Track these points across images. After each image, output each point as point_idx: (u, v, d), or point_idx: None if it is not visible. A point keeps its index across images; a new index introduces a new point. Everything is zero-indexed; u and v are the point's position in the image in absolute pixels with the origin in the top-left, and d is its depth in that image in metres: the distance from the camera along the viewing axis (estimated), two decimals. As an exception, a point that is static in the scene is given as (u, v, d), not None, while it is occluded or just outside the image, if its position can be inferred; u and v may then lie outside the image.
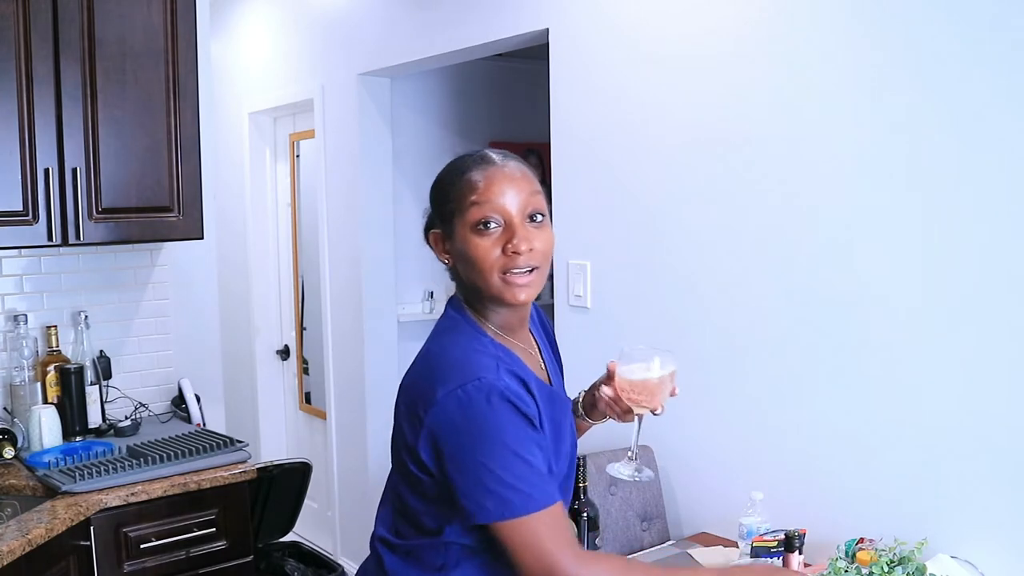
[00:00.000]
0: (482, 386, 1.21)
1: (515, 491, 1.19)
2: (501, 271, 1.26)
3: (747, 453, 2.27)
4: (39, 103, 2.36)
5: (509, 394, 1.22)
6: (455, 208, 1.29)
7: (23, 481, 2.27)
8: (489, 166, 1.29)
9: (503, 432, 1.20)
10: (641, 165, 2.47)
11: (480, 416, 1.21)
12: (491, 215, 1.26)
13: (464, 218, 1.27)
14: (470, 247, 1.27)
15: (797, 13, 2.08)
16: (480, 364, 1.25)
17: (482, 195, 1.26)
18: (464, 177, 1.29)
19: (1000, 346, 1.79)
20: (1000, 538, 1.81)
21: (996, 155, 1.77)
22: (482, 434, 1.20)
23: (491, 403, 1.20)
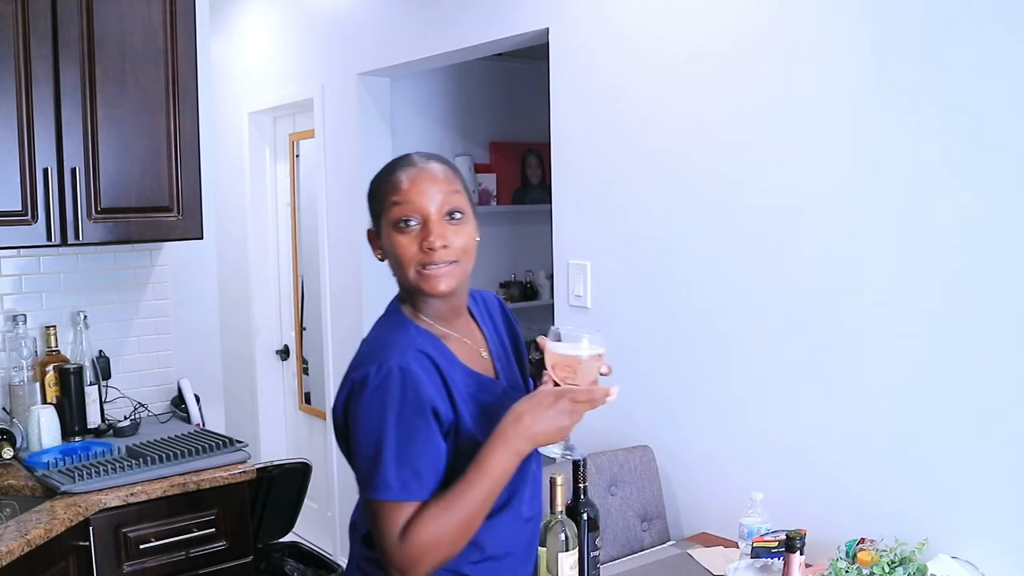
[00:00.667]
0: (381, 370, 1.30)
1: (378, 474, 1.28)
2: (419, 265, 1.35)
3: (747, 453, 2.27)
4: (38, 103, 2.36)
5: (407, 378, 1.29)
6: (381, 207, 1.38)
7: (22, 481, 2.27)
8: (411, 167, 1.38)
9: (387, 418, 1.28)
10: (641, 165, 2.47)
11: (372, 399, 1.29)
12: (410, 214, 1.35)
13: (388, 216, 1.37)
14: (393, 243, 1.36)
15: (798, 13, 2.08)
16: (389, 349, 1.33)
17: (403, 195, 1.35)
18: (389, 178, 1.38)
19: (1000, 346, 1.79)
20: (1001, 538, 1.81)
21: (996, 155, 1.77)
22: (369, 416, 1.29)
23: (386, 387, 1.29)
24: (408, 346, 1.34)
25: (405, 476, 1.28)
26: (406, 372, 1.29)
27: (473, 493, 1.28)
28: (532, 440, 1.31)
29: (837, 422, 2.07)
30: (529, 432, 1.29)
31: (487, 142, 4.08)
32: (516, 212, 4.13)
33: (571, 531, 1.61)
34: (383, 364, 1.30)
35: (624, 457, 2.39)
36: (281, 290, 4.53)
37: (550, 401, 1.31)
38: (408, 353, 1.32)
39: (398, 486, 1.28)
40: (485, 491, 1.29)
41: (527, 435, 1.30)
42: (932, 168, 1.86)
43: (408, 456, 1.28)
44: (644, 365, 2.51)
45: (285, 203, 4.44)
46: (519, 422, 1.30)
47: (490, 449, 1.30)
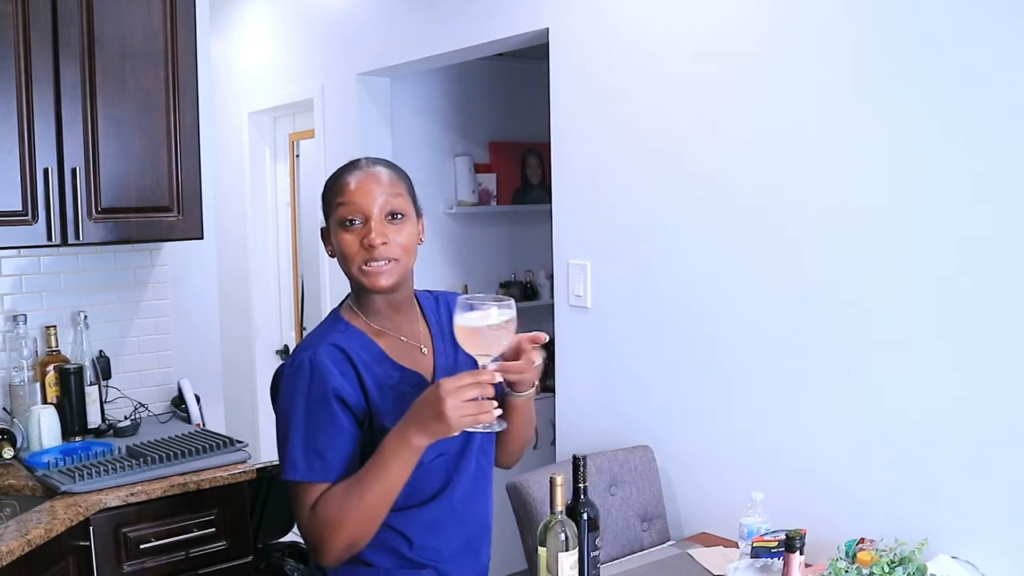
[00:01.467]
0: (294, 363, 1.44)
1: (287, 456, 1.42)
2: (362, 262, 1.46)
3: (747, 453, 2.27)
4: (38, 103, 2.36)
5: (314, 368, 1.42)
6: (330, 207, 1.50)
7: (22, 481, 2.27)
8: (357, 171, 1.50)
9: (295, 405, 1.42)
10: (641, 165, 2.47)
11: (285, 388, 1.45)
12: (354, 214, 1.46)
13: (335, 215, 1.48)
14: (339, 241, 1.48)
15: (798, 14, 2.08)
16: (308, 343, 1.47)
17: (348, 196, 1.47)
18: (338, 181, 1.51)
19: (1000, 346, 1.79)
20: (1000, 538, 1.81)
21: (996, 155, 1.77)
22: (282, 403, 1.44)
23: (296, 377, 1.43)
24: (324, 340, 1.46)
25: (311, 458, 1.41)
26: (314, 363, 1.42)
27: (371, 481, 1.38)
28: (427, 432, 1.35)
29: (837, 422, 2.07)
30: (422, 424, 1.34)
31: (487, 142, 4.08)
32: (516, 212, 4.13)
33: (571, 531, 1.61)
34: (296, 357, 1.45)
35: (624, 457, 2.39)
36: (281, 290, 4.53)
37: (436, 394, 1.33)
38: (321, 347, 1.44)
39: (305, 467, 1.41)
40: (383, 479, 1.37)
41: (421, 427, 1.35)
42: (934, 170, 1.86)
43: (313, 440, 1.41)
44: (644, 365, 2.51)
45: (285, 203, 4.44)
46: (416, 414, 1.36)
47: (388, 439, 1.38)
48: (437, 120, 3.91)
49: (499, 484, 2.17)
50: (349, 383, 1.44)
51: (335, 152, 3.71)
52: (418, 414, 1.35)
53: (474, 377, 1.34)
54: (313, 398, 1.41)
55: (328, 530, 1.39)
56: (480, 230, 4.05)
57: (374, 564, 1.50)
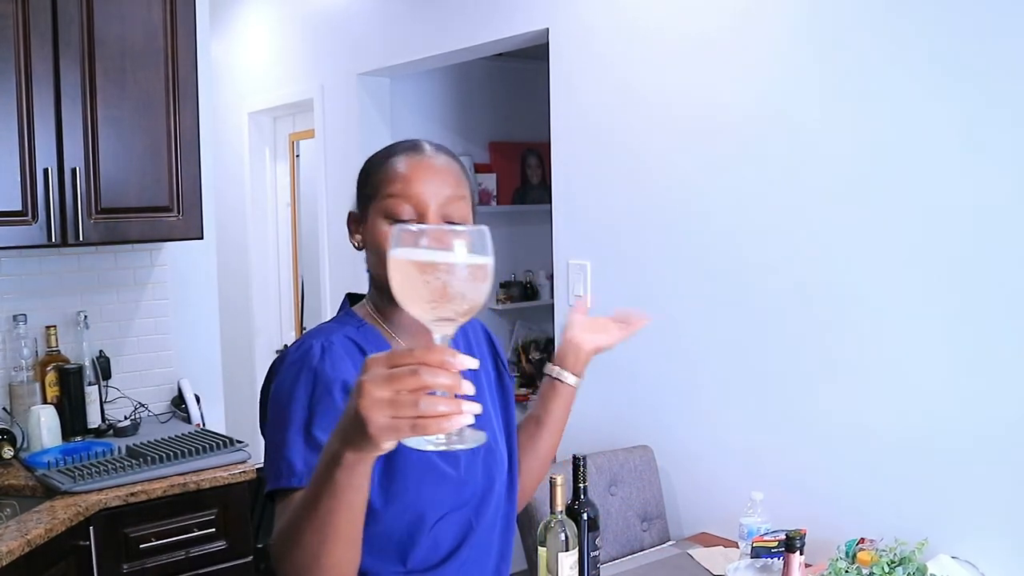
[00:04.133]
0: (302, 346, 1.16)
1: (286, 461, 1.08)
2: None
3: (747, 453, 2.27)
4: (38, 103, 2.36)
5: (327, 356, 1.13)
6: (373, 192, 1.19)
7: (22, 481, 2.26)
8: (418, 155, 1.19)
9: (296, 394, 1.11)
10: (641, 165, 2.47)
11: (283, 375, 1.14)
12: (405, 208, 1.15)
13: (379, 204, 1.17)
14: (377, 234, 1.16)
15: (798, 14, 2.08)
16: (317, 331, 1.19)
17: (403, 186, 1.16)
18: (389, 161, 1.19)
19: (1000, 347, 1.79)
20: (1000, 538, 1.81)
21: (996, 155, 1.77)
22: (278, 394, 1.14)
23: (303, 363, 1.13)
24: (337, 331, 1.19)
25: (312, 461, 1.01)
26: (326, 349, 1.14)
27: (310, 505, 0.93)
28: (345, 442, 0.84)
29: (837, 423, 2.07)
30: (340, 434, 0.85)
31: (487, 142, 4.08)
32: (516, 212, 4.13)
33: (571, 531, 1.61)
34: (304, 341, 1.16)
35: (624, 457, 2.39)
36: (281, 290, 4.53)
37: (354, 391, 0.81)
38: (335, 336, 1.17)
39: (305, 471, 1.05)
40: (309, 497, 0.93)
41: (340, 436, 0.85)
42: (936, 171, 1.86)
43: (314, 435, 1.08)
44: (644, 365, 2.51)
45: (285, 203, 4.44)
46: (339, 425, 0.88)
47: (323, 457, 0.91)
48: (437, 120, 3.91)
49: (499, 484, 2.18)
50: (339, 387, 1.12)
51: (335, 152, 3.71)
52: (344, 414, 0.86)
53: (415, 357, 0.77)
54: (320, 388, 1.11)
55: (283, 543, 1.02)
56: (480, 231, 4.04)
57: None
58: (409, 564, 1.16)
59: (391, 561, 1.16)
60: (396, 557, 1.15)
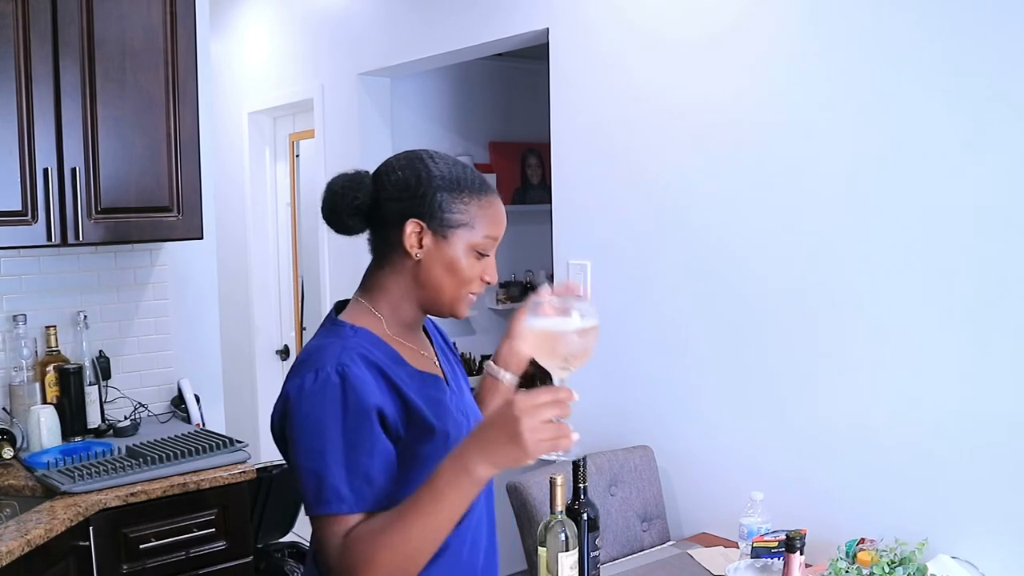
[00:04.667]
0: (319, 377, 1.22)
1: (326, 487, 1.20)
2: (470, 291, 1.34)
3: (747, 453, 2.27)
4: (38, 103, 2.36)
5: (347, 382, 1.21)
6: (465, 222, 1.31)
7: (22, 481, 2.26)
8: (499, 200, 1.36)
9: (329, 426, 1.21)
10: (641, 165, 2.47)
11: (311, 408, 1.22)
12: (492, 248, 1.34)
13: (471, 240, 1.31)
14: (462, 264, 1.31)
15: (799, 14, 2.08)
16: (324, 355, 1.25)
17: (496, 230, 1.33)
18: (486, 199, 1.33)
19: (1000, 346, 1.79)
20: (1000, 538, 1.81)
21: (996, 155, 1.77)
22: (310, 427, 1.22)
23: (324, 393, 1.21)
24: (344, 349, 1.26)
25: (357, 485, 1.19)
26: (345, 376, 1.22)
27: (419, 515, 1.15)
28: (495, 459, 1.12)
29: (838, 422, 2.07)
30: (491, 450, 1.12)
31: (487, 142, 4.08)
32: (516, 212, 4.12)
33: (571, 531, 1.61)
34: (319, 371, 1.22)
35: (624, 457, 2.39)
36: (281, 290, 4.53)
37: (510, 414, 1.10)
38: (344, 356, 1.24)
39: (352, 497, 1.19)
40: (435, 514, 1.14)
41: (489, 453, 1.12)
42: (937, 172, 1.86)
43: (357, 463, 1.20)
44: (644, 365, 2.51)
45: (285, 203, 4.44)
46: (483, 438, 1.13)
47: (444, 467, 1.15)
48: (437, 120, 3.91)
49: (500, 485, 2.17)
50: (384, 393, 1.25)
51: (335, 152, 3.71)
52: (485, 438, 1.13)
53: (553, 395, 1.11)
54: (351, 415, 1.21)
55: (362, 569, 1.16)
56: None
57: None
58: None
59: None
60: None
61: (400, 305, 1.35)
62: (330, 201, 1.37)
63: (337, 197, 1.36)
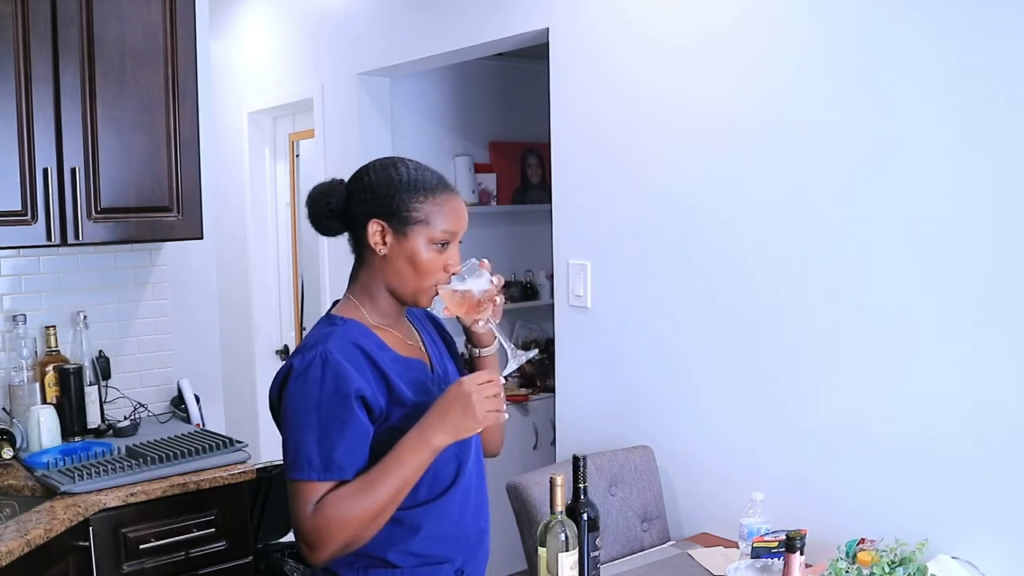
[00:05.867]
0: (305, 359, 1.41)
1: (301, 454, 1.40)
2: (435, 282, 1.49)
3: (747, 453, 2.27)
4: (38, 103, 2.36)
5: (328, 365, 1.39)
6: (422, 219, 1.46)
7: (22, 481, 2.27)
8: (456, 197, 1.51)
9: (309, 403, 1.40)
10: (641, 165, 2.47)
11: (297, 385, 1.41)
12: (451, 239, 1.49)
13: (429, 235, 1.47)
14: (422, 257, 1.47)
15: (799, 13, 2.08)
16: (316, 340, 1.45)
17: (455, 222, 1.48)
18: (441, 197, 1.49)
19: (1000, 347, 1.79)
20: (1000, 538, 1.81)
21: (996, 155, 1.77)
22: (295, 402, 1.41)
23: (308, 374, 1.40)
24: (331, 337, 1.44)
25: (327, 456, 1.39)
26: (327, 360, 1.40)
27: (387, 482, 1.39)
28: (451, 430, 1.40)
29: (838, 422, 2.07)
30: (448, 422, 1.40)
31: (487, 142, 4.08)
32: (516, 212, 4.13)
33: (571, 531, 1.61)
34: (306, 355, 1.41)
35: (624, 457, 2.39)
36: (281, 290, 4.53)
37: (462, 391, 1.40)
38: (332, 342, 1.42)
39: (320, 466, 1.39)
40: (399, 481, 1.39)
41: (446, 425, 1.40)
42: (936, 172, 1.86)
43: (329, 438, 1.39)
44: (644, 365, 2.51)
45: (285, 203, 4.44)
46: (440, 413, 1.40)
47: (407, 438, 1.41)
48: (437, 120, 3.91)
49: (499, 485, 2.17)
50: (367, 379, 1.43)
51: (335, 152, 3.71)
52: (442, 413, 1.40)
53: (490, 375, 1.43)
54: (328, 395, 1.39)
55: (333, 528, 1.38)
56: (480, 230, 4.04)
57: (397, 564, 1.49)
58: (419, 496, 1.47)
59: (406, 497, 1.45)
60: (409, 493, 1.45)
61: (376, 297, 1.52)
62: (310, 206, 1.54)
63: (315, 202, 1.53)
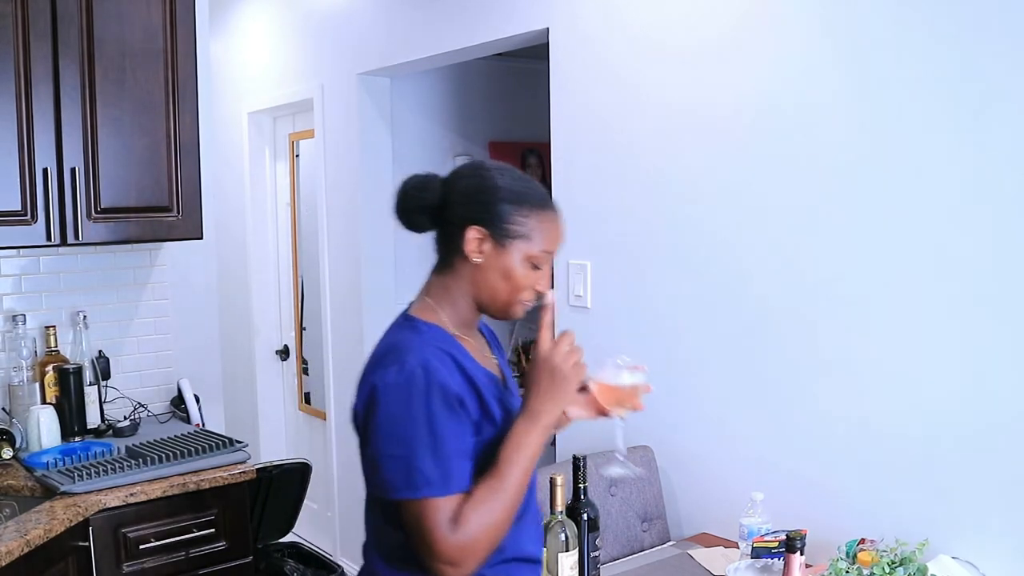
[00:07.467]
0: (404, 370, 1.32)
1: (416, 472, 1.29)
2: (524, 299, 1.43)
3: (747, 453, 2.27)
4: (38, 103, 2.36)
5: (430, 374, 1.31)
6: (524, 234, 1.39)
7: (21, 482, 2.26)
8: (559, 216, 1.44)
9: (415, 416, 1.30)
10: (641, 165, 2.47)
11: (397, 399, 1.31)
12: (548, 262, 1.43)
13: (528, 251, 1.39)
14: (517, 273, 1.40)
15: (800, 13, 2.08)
16: (406, 349, 1.35)
17: (553, 245, 1.42)
18: (546, 215, 1.41)
19: (1001, 347, 1.79)
20: (1001, 538, 1.81)
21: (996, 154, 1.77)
22: (396, 416, 1.31)
23: (410, 385, 1.30)
24: (425, 344, 1.36)
25: (445, 469, 1.29)
26: (428, 369, 1.31)
27: (513, 473, 1.32)
28: (553, 400, 1.37)
29: (838, 422, 2.07)
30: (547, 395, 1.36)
31: (487, 142, 4.08)
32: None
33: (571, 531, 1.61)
34: (404, 364, 1.32)
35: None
36: (281, 290, 4.53)
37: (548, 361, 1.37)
38: (427, 351, 1.35)
39: (440, 480, 1.29)
40: (523, 469, 1.33)
41: (546, 398, 1.36)
42: (936, 171, 1.86)
43: (444, 449, 1.30)
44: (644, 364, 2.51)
45: (285, 203, 4.44)
46: (536, 390, 1.36)
47: (520, 427, 1.35)
48: (437, 120, 3.91)
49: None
50: (462, 386, 1.36)
51: (335, 152, 3.71)
52: (539, 390, 1.37)
53: (568, 340, 1.40)
54: (437, 407, 1.31)
55: (481, 538, 1.30)
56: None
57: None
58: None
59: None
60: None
61: (458, 303, 1.44)
62: (401, 199, 1.44)
63: (407, 196, 1.44)
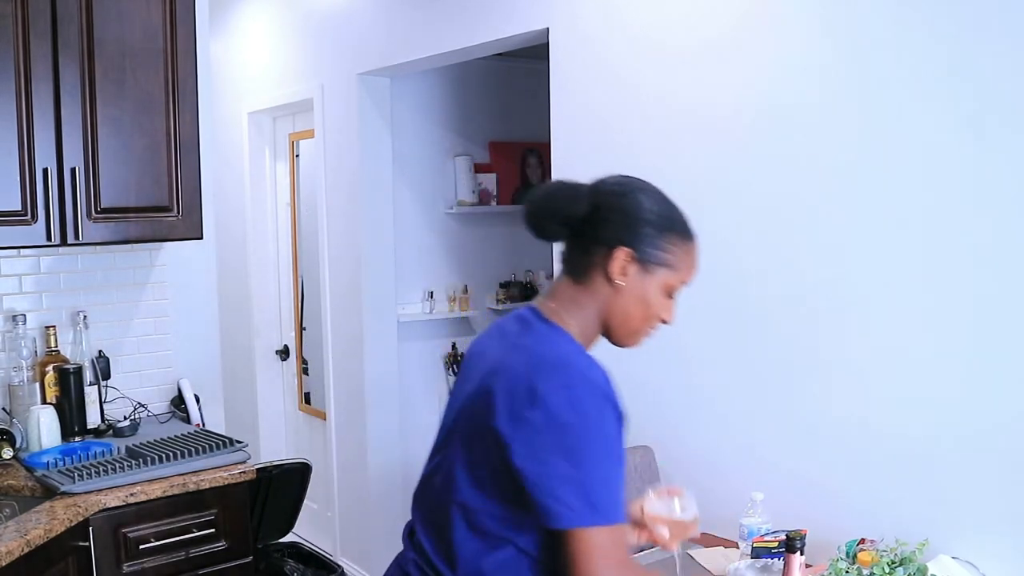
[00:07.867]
0: (591, 386, 1.24)
1: (597, 496, 1.20)
2: (652, 327, 1.39)
3: (747, 453, 2.27)
4: (38, 103, 2.36)
5: (612, 397, 1.24)
6: (671, 263, 1.35)
7: (21, 482, 2.26)
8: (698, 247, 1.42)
9: (597, 434, 1.21)
10: (641, 165, 2.46)
11: (586, 408, 1.22)
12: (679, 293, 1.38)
13: (668, 280, 1.35)
14: (655, 301, 1.35)
15: (799, 13, 2.08)
16: (583, 363, 1.28)
17: (692, 277, 1.39)
18: (691, 245, 1.39)
19: (1001, 347, 1.79)
20: (1000, 538, 1.81)
21: (996, 154, 1.77)
22: (578, 426, 1.21)
23: (603, 402, 1.23)
24: (592, 360, 1.30)
25: (617, 498, 1.22)
26: (609, 386, 1.26)
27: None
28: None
29: (838, 423, 2.07)
30: None
31: (487, 142, 4.08)
32: (516, 212, 4.11)
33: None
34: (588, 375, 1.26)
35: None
36: (281, 290, 4.53)
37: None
38: (600, 368, 1.29)
39: (613, 508, 1.21)
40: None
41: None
42: (935, 174, 1.86)
43: (617, 478, 1.24)
44: (644, 365, 2.51)
45: (285, 203, 4.44)
46: None
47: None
48: (437, 120, 3.91)
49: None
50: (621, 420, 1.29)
51: (335, 152, 3.71)
52: None
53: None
54: (614, 427, 1.24)
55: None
56: (480, 230, 4.05)
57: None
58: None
59: None
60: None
61: (586, 323, 1.36)
62: (540, 205, 1.36)
63: (551, 202, 1.36)
